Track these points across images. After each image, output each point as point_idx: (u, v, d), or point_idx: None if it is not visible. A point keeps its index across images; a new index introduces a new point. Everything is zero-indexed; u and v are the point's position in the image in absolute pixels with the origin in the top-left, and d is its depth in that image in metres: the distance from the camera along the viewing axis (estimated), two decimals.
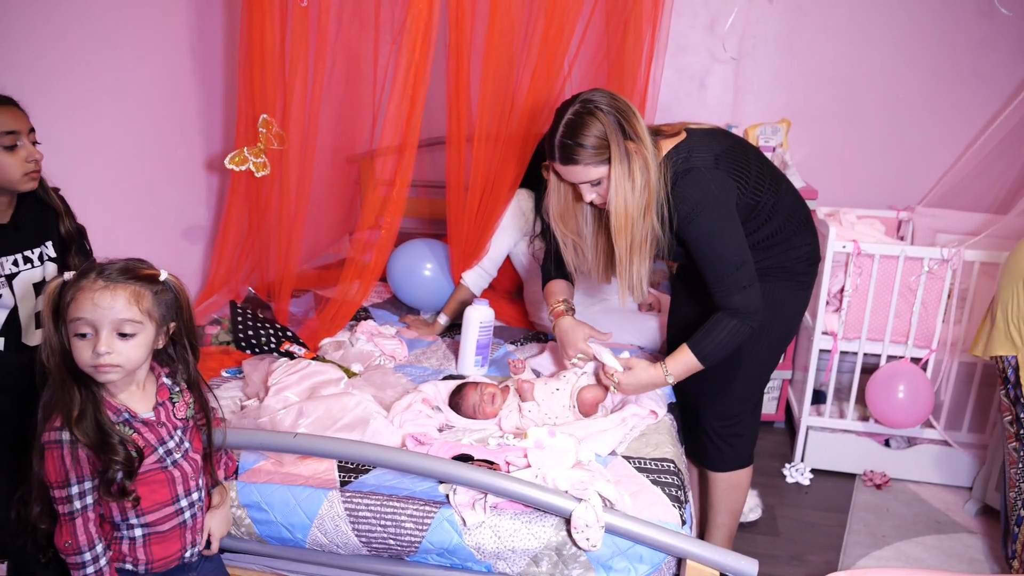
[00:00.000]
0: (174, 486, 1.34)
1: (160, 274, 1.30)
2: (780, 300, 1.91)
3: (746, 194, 1.79)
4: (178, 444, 1.35)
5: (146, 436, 1.30)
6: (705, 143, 1.79)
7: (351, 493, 1.58)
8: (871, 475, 2.75)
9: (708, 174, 1.73)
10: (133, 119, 2.25)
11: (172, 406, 1.36)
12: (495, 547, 1.50)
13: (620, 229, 1.74)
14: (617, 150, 1.67)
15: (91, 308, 1.21)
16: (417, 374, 2.18)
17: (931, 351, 2.67)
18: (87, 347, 1.22)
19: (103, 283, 1.23)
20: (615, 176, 1.69)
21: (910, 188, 3.29)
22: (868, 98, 3.25)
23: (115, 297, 1.23)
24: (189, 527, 1.38)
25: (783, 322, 1.95)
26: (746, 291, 1.75)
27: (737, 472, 2.08)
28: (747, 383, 2.00)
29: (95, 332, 1.22)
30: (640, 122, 1.72)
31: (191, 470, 1.37)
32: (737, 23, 3.22)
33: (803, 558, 2.35)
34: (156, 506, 1.32)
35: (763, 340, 1.92)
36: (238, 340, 2.16)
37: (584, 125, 1.68)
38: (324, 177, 2.98)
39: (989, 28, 3.08)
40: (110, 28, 2.12)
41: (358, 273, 2.40)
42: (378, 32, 2.69)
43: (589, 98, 1.70)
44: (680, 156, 1.76)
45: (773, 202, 1.84)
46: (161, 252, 2.41)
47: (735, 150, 1.81)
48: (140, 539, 1.32)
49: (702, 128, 1.86)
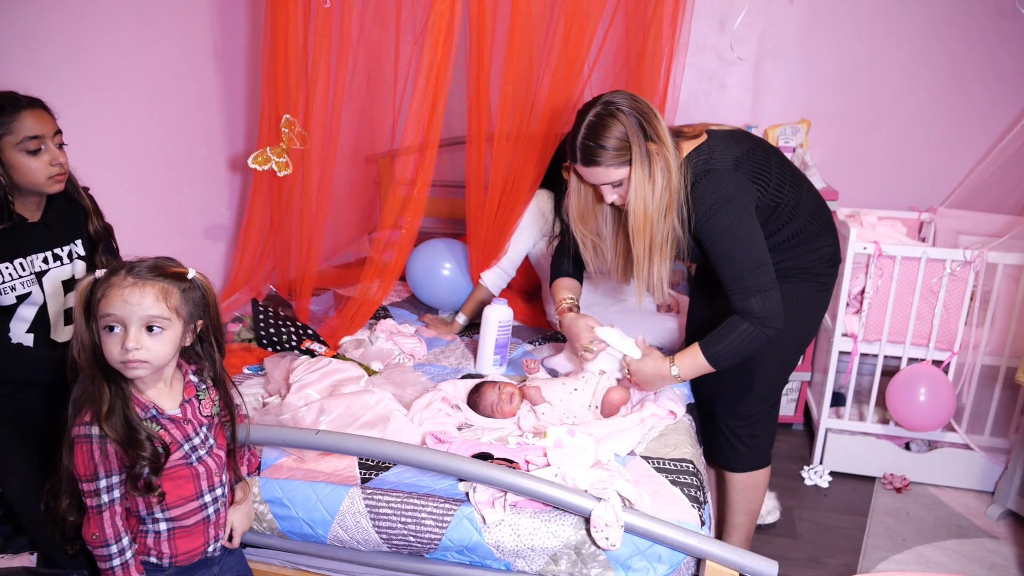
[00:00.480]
0: (198, 482, 1.36)
1: (188, 272, 1.32)
2: (801, 301, 1.90)
3: (767, 195, 1.79)
4: (203, 441, 1.38)
5: (172, 433, 1.33)
6: (726, 145, 1.79)
7: (372, 490, 1.59)
8: (891, 478, 2.73)
9: (727, 175, 1.73)
10: (158, 120, 2.28)
11: (198, 403, 1.38)
12: (514, 545, 1.51)
13: (639, 230, 1.75)
14: (638, 151, 1.68)
15: (120, 304, 1.24)
16: (436, 373, 2.19)
17: (953, 354, 2.64)
18: (116, 342, 1.25)
19: (132, 280, 1.25)
20: (635, 177, 1.70)
21: (932, 189, 3.26)
22: (889, 98, 3.22)
23: (144, 294, 1.25)
24: (212, 522, 1.40)
25: (803, 323, 1.95)
26: (764, 295, 1.73)
27: (754, 473, 2.07)
28: (765, 383, 1.99)
29: (124, 328, 1.25)
30: (661, 123, 1.73)
31: (215, 466, 1.39)
32: (756, 23, 3.21)
33: (821, 561, 2.34)
34: (181, 501, 1.35)
35: (783, 340, 1.90)
36: (259, 337, 2.18)
37: (606, 127, 1.69)
38: (345, 177, 3.00)
39: (1009, 28, 3.05)
40: (136, 30, 2.15)
41: (378, 272, 2.42)
42: (400, 33, 2.70)
43: (611, 100, 1.71)
44: (701, 158, 1.76)
45: (794, 203, 1.84)
46: (184, 250, 2.44)
47: (756, 152, 1.80)
48: (165, 533, 1.35)
49: (723, 130, 1.86)
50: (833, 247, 1.95)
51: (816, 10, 3.18)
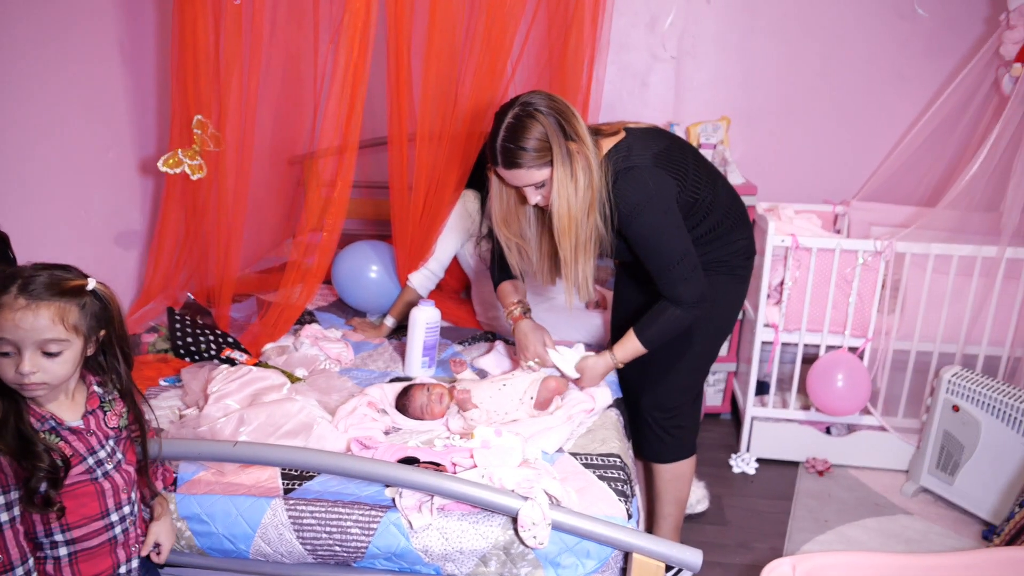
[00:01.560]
0: (104, 499, 1.29)
1: (88, 283, 1.24)
2: (719, 293, 1.95)
3: (685, 191, 1.82)
4: (109, 455, 1.30)
5: (74, 445, 1.25)
6: (644, 142, 1.82)
7: (295, 500, 1.55)
8: (813, 462, 2.83)
9: (647, 172, 1.76)
10: (60, 120, 2.16)
11: (103, 415, 1.31)
12: (443, 549, 1.49)
13: (564, 230, 1.75)
14: (559, 151, 1.69)
15: (12, 329, 1.16)
16: (363, 377, 2.15)
17: (867, 340, 2.76)
18: (10, 366, 1.17)
19: (24, 301, 1.16)
20: (558, 178, 1.70)
21: (845, 183, 3.40)
22: (804, 96, 3.34)
23: (37, 316, 1.17)
24: (121, 542, 1.32)
25: (722, 315, 2.01)
26: (688, 281, 1.79)
27: (680, 463, 2.12)
28: (686, 374, 2.04)
29: (18, 351, 1.17)
30: (580, 122, 1.74)
31: (123, 482, 1.32)
32: (677, 22, 3.27)
33: (749, 545, 2.41)
34: (84, 520, 1.27)
35: (702, 332, 1.97)
36: (176, 348, 2.10)
37: (525, 128, 1.68)
38: (264, 179, 2.91)
39: (910, 29, 3.21)
40: (35, 27, 2.03)
41: (301, 276, 2.36)
42: (317, 30, 2.64)
43: (528, 100, 1.71)
44: (620, 155, 1.78)
45: (711, 199, 1.88)
46: (93, 258, 2.32)
47: (672, 148, 1.84)
48: (66, 558, 1.26)
49: (640, 127, 1.88)
50: (748, 240, 2.01)
51: (733, 10, 3.27)
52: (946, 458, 2.58)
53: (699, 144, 3.27)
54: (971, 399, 2.49)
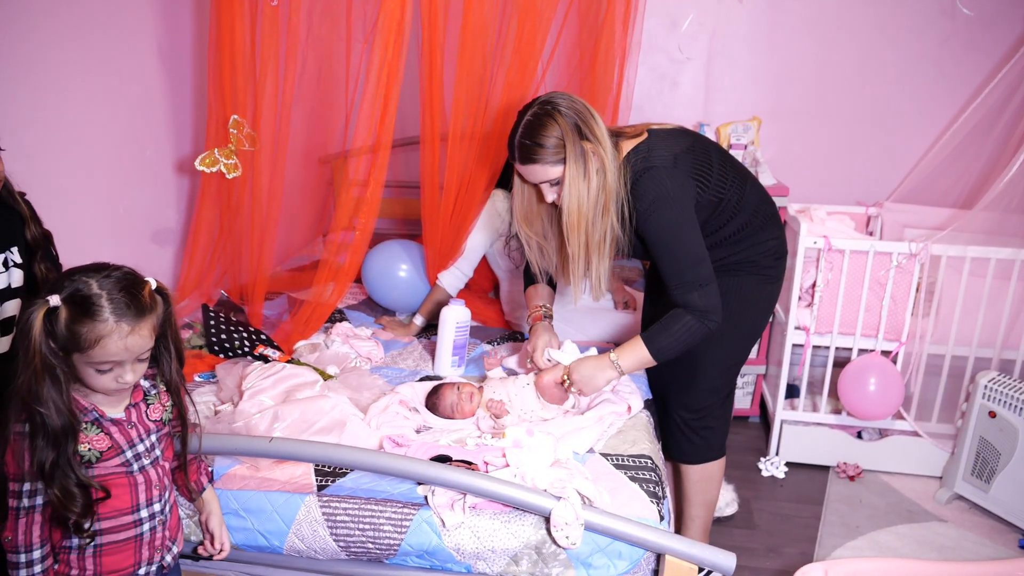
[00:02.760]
0: (136, 493, 1.30)
1: (151, 284, 1.29)
2: (748, 294, 1.93)
3: (708, 191, 1.81)
4: (148, 449, 1.32)
5: (115, 436, 1.27)
6: (665, 142, 1.81)
7: (328, 497, 1.56)
8: (844, 467, 2.79)
9: (666, 172, 1.75)
10: (100, 121, 2.21)
11: (146, 407, 1.34)
12: (475, 547, 1.50)
13: (572, 227, 1.77)
14: (573, 149, 1.71)
15: (123, 352, 1.21)
16: (393, 375, 2.16)
17: (901, 344, 2.72)
18: (111, 376, 1.23)
19: (127, 327, 1.20)
20: (569, 175, 1.73)
21: (878, 184, 3.35)
22: (837, 96, 3.30)
23: (143, 337, 1.23)
24: (147, 541, 1.33)
25: (751, 316, 1.98)
26: (703, 289, 1.76)
27: (709, 464, 2.10)
28: (716, 375, 2.02)
29: (120, 366, 1.23)
30: (598, 123, 1.75)
31: (156, 479, 1.33)
32: (708, 22, 3.25)
33: (779, 550, 2.38)
34: (114, 513, 1.28)
35: (732, 332, 1.94)
36: (211, 344, 2.13)
37: (542, 126, 1.72)
38: (297, 178, 2.95)
39: (951, 27, 3.15)
40: (75, 28, 2.08)
41: (332, 275, 2.38)
42: (350, 31, 2.67)
43: (548, 100, 1.75)
44: (640, 156, 1.78)
45: (738, 198, 1.87)
46: (130, 255, 2.37)
47: (695, 149, 1.83)
48: (90, 549, 1.28)
49: (664, 128, 1.88)
50: (778, 240, 1.98)
51: (765, 10, 3.24)
52: (982, 465, 2.53)
53: (729, 145, 3.24)
54: (1009, 405, 2.44)
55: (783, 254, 2.00)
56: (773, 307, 2.05)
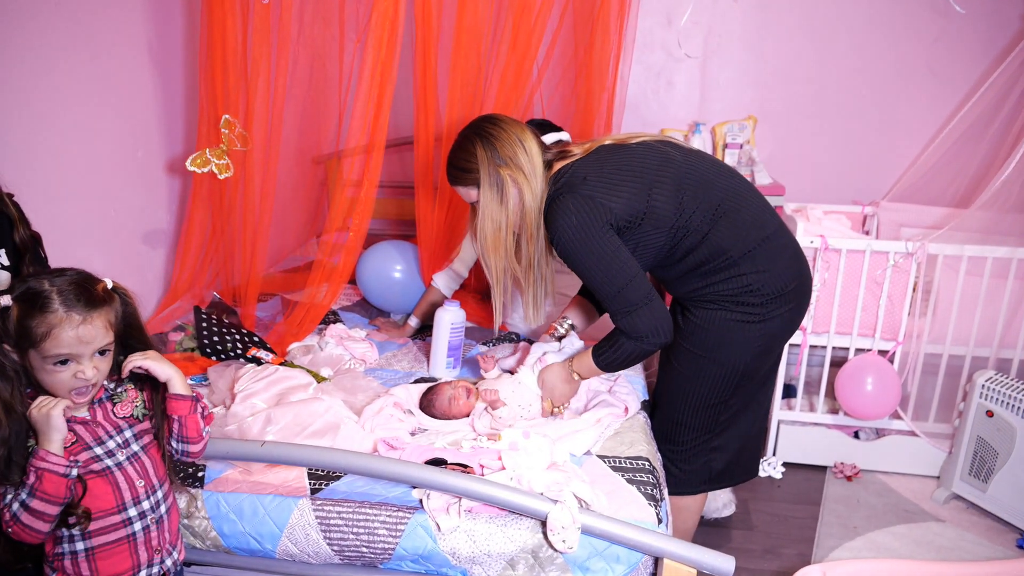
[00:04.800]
0: (119, 492, 1.28)
1: (107, 284, 1.29)
2: (721, 332, 1.75)
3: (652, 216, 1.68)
4: (121, 445, 1.30)
5: (80, 433, 1.27)
6: (595, 163, 1.72)
7: (322, 501, 1.54)
8: (841, 467, 2.78)
9: (573, 198, 1.65)
10: (89, 121, 2.18)
11: (112, 405, 1.32)
12: (470, 551, 1.48)
13: (488, 250, 1.77)
14: (487, 175, 1.72)
15: (75, 343, 1.21)
16: (388, 377, 2.15)
17: (898, 343, 2.71)
18: (68, 371, 1.22)
19: (79, 316, 1.21)
20: (483, 199, 1.74)
21: (874, 183, 3.34)
22: (832, 95, 3.30)
23: (95, 327, 1.23)
24: (141, 542, 1.30)
25: (725, 356, 1.76)
26: (633, 314, 1.66)
27: (684, 497, 1.96)
28: (688, 413, 1.86)
29: (76, 360, 1.22)
30: (526, 148, 1.72)
31: (137, 474, 1.30)
32: (703, 21, 3.24)
33: (777, 551, 2.37)
34: (100, 514, 1.26)
35: (700, 371, 1.79)
36: (203, 346, 2.11)
37: (461, 149, 1.76)
38: (290, 178, 2.93)
39: (944, 25, 3.15)
40: (64, 27, 2.05)
41: (326, 276, 2.36)
42: (343, 30, 2.65)
43: (476, 122, 1.78)
44: (561, 179, 1.72)
45: (700, 225, 1.70)
46: (121, 257, 2.34)
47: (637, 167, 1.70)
48: (83, 553, 1.26)
49: (619, 144, 1.77)
50: (765, 275, 1.72)
51: (760, 9, 3.23)
52: (979, 464, 2.52)
53: (725, 144, 3.24)
54: (1006, 404, 2.43)
55: (781, 295, 1.73)
56: (762, 352, 1.79)
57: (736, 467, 1.96)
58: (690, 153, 1.79)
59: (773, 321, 1.75)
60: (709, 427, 1.87)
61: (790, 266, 1.76)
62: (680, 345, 1.81)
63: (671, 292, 1.88)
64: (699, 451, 1.89)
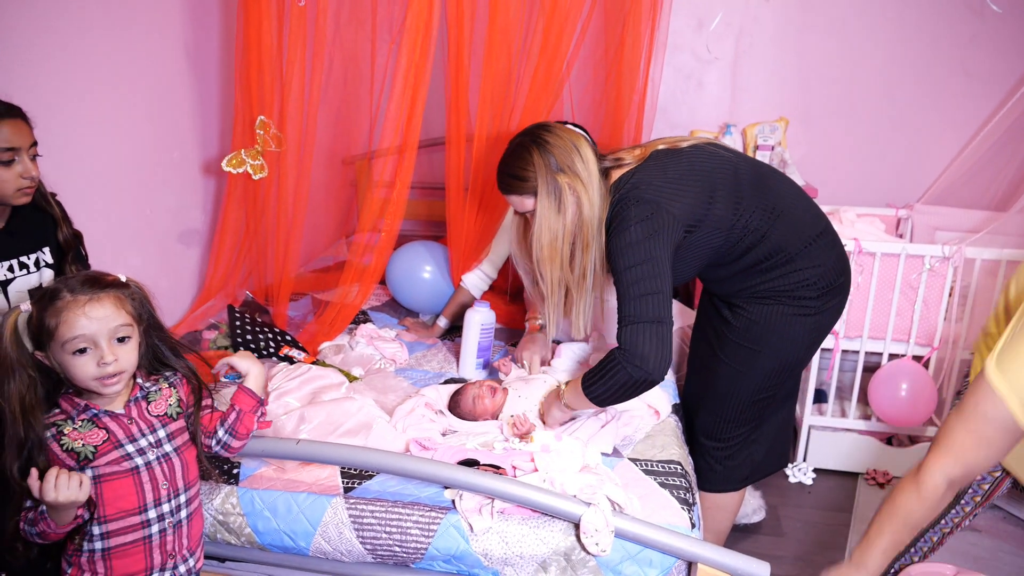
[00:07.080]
0: (142, 492, 1.28)
1: (121, 277, 1.30)
2: (776, 325, 1.78)
3: (710, 220, 1.69)
4: (153, 444, 1.31)
5: (112, 429, 1.27)
6: (655, 169, 1.71)
7: (355, 499, 1.55)
8: (874, 473, 2.74)
9: (636, 205, 1.65)
10: (128, 122, 2.22)
11: (147, 403, 1.33)
12: (503, 553, 1.48)
13: (544, 260, 1.74)
14: (545, 183, 1.69)
15: (87, 323, 1.21)
16: (418, 377, 2.15)
17: (933, 349, 2.66)
18: (90, 361, 1.22)
19: (85, 297, 1.22)
20: (540, 208, 1.71)
21: (908, 186, 3.29)
22: (865, 96, 3.25)
23: (104, 306, 1.23)
24: (156, 544, 1.30)
25: (777, 348, 1.80)
26: (636, 327, 1.58)
27: (724, 495, 2.00)
28: (738, 408, 1.88)
29: (95, 346, 1.22)
30: (582, 156, 1.70)
31: (163, 476, 1.30)
32: (734, 22, 3.21)
33: (808, 559, 2.34)
34: (120, 514, 1.26)
35: (752, 364, 1.82)
36: (236, 345, 2.13)
37: (518, 157, 1.73)
38: (322, 179, 2.95)
39: (980, 25, 3.08)
40: (104, 30, 2.09)
41: (357, 276, 2.38)
42: (375, 32, 2.66)
43: (532, 130, 1.75)
44: (624, 187, 1.71)
45: (759, 225, 1.73)
46: (157, 256, 2.38)
47: (686, 173, 1.71)
48: (100, 552, 1.27)
49: (675, 148, 1.77)
50: (819, 269, 1.76)
51: (792, 9, 3.19)
52: None
53: (756, 146, 3.21)
54: None
55: (831, 288, 1.79)
56: (811, 344, 1.86)
57: (772, 455, 2.03)
58: (737, 154, 1.82)
59: (825, 314, 1.82)
60: (756, 421, 1.92)
61: (839, 260, 1.82)
62: (730, 341, 1.83)
63: (720, 291, 1.88)
64: (743, 445, 1.94)
